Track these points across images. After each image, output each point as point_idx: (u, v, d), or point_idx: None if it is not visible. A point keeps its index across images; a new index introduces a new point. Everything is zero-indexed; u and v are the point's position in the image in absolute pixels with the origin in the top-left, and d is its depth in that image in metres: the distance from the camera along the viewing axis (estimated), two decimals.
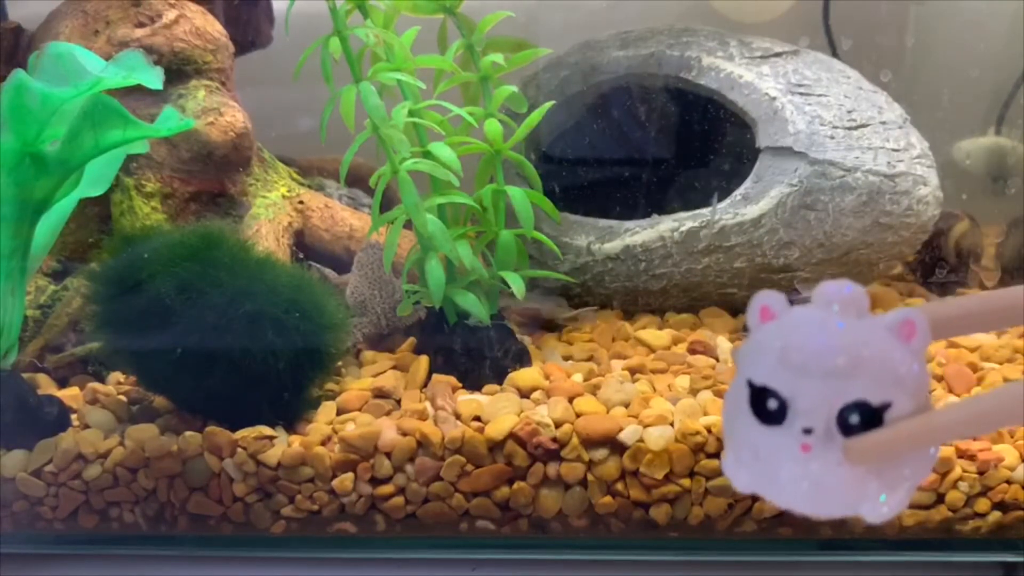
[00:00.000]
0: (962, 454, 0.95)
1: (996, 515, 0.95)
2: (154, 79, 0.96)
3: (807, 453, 0.52)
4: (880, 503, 0.53)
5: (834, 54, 1.41)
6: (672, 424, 0.96)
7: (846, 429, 0.52)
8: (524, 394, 1.03)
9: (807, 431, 0.52)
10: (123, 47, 1.14)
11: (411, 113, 1.10)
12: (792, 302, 0.56)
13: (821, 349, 0.52)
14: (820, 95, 1.22)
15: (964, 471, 0.94)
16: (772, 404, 0.53)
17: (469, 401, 1.01)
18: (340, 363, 1.10)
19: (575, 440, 0.95)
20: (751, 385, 0.54)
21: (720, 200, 1.21)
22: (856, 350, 0.52)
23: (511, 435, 0.95)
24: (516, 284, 1.10)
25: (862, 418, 0.52)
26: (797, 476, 0.53)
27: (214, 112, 1.16)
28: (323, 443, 0.97)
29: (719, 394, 1.01)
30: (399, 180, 1.08)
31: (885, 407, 0.52)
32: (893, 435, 0.52)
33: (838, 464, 0.52)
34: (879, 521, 0.54)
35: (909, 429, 0.52)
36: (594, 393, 1.02)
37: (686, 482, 0.94)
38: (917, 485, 0.55)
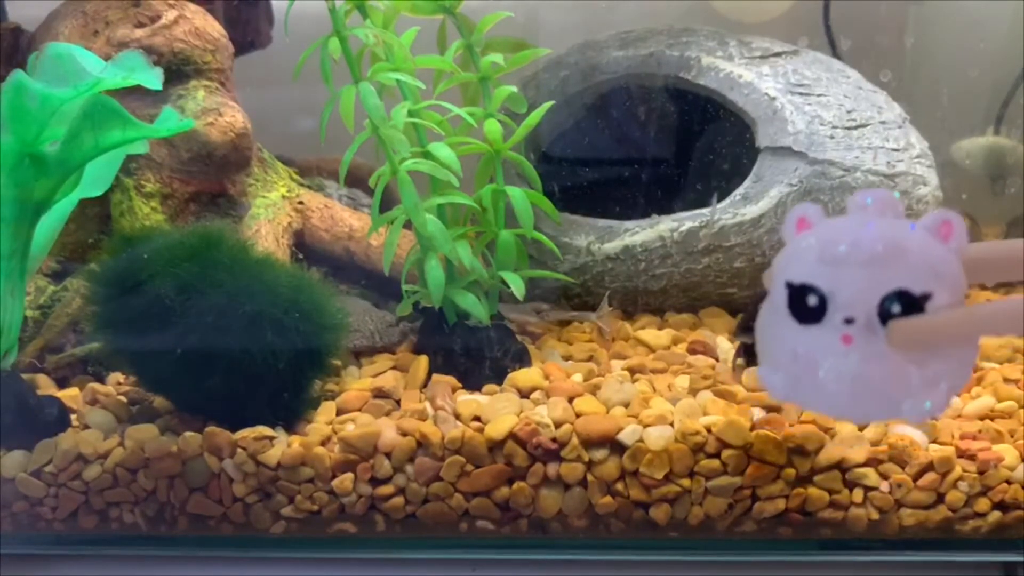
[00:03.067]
0: (962, 454, 0.95)
1: (996, 515, 0.94)
2: (154, 80, 0.96)
3: (849, 345, 0.52)
4: (921, 401, 0.52)
5: (834, 54, 1.41)
6: (672, 424, 0.96)
7: (886, 320, 0.51)
8: (524, 394, 1.03)
9: (848, 321, 0.52)
10: (123, 48, 1.14)
11: (411, 113, 1.10)
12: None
13: (861, 239, 0.52)
14: (820, 95, 1.22)
15: (964, 471, 0.94)
16: (812, 300, 0.52)
17: (469, 401, 1.01)
18: (340, 363, 1.10)
19: (575, 440, 0.95)
20: (790, 286, 0.53)
21: (720, 200, 1.21)
22: (897, 239, 0.51)
23: (511, 435, 0.95)
24: (516, 284, 1.10)
25: (903, 307, 0.51)
26: (839, 372, 0.52)
27: (214, 112, 1.15)
28: (323, 443, 0.97)
29: (719, 394, 1.01)
30: (399, 180, 1.08)
31: (926, 297, 0.51)
32: (938, 321, 0.51)
33: (880, 356, 0.51)
34: (920, 421, 0.53)
35: (953, 317, 0.51)
36: (594, 393, 1.02)
37: (686, 482, 0.94)
38: (957, 390, 0.54)
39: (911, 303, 0.51)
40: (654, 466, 0.94)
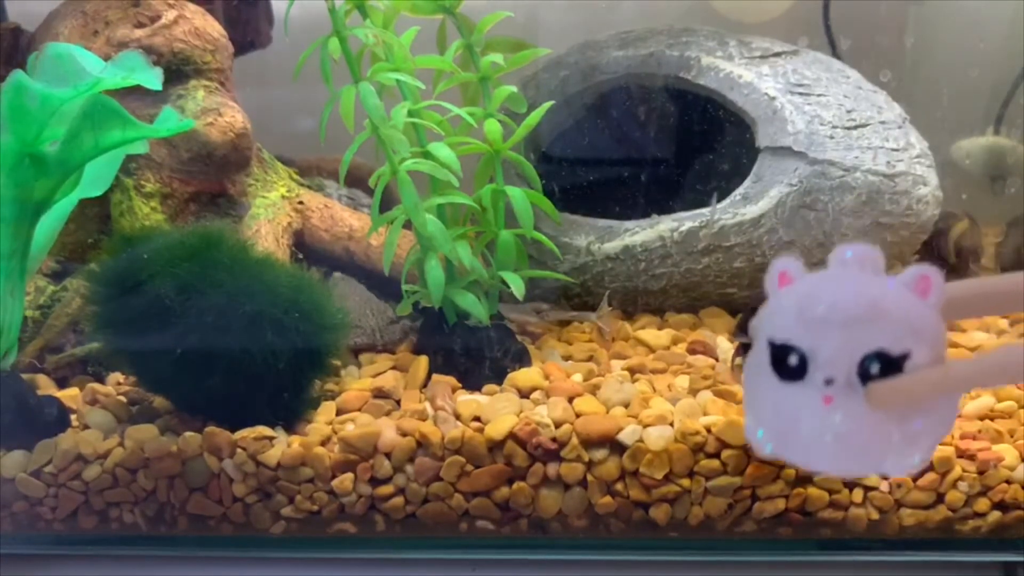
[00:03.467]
0: (962, 454, 0.95)
1: (996, 515, 0.95)
2: (153, 80, 0.96)
3: (829, 405, 0.53)
4: (903, 457, 0.53)
5: (834, 54, 1.41)
6: (672, 424, 0.96)
7: (866, 379, 0.52)
8: (524, 394, 1.03)
9: (828, 382, 0.53)
10: (122, 47, 1.14)
11: (410, 113, 1.10)
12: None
13: (840, 300, 0.53)
14: (819, 95, 1.22)
15: (964, 471, 0.94)
16: (793, 360, 0.53)
17: (469, 401, 1.01)
18: (339, 363, 1.10)
19: (575, 440, 0.95)
20: (771, 344, 0.54)
21: (719, 200, 1.21)
22: (875, 299, 0.52)
23: (511, 435, 0.95)
24: (516, 284, 1.10)
25: (882, 367, 0.52)
26: (820, 430, 0.53)
27: (213, 112, 1.15)
28: (323, 443, 0.97)
29: (719, 394, 1.01)
30: (398, 180, 1.08)
31: (905, 356, 0.52)
32: (915, 380, 0.52)
33: (860, 415, 0.52)
34: (903, 475, 0.54)
35: (930, 375, 0.52)
36: (594, 393, 1.02)
37: (686, 482, 0.94)
38: (939, 441, 0.55)
39: (890, 363, 0.52)
40: (654, 466, 0.94)
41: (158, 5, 1.19)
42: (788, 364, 0.53)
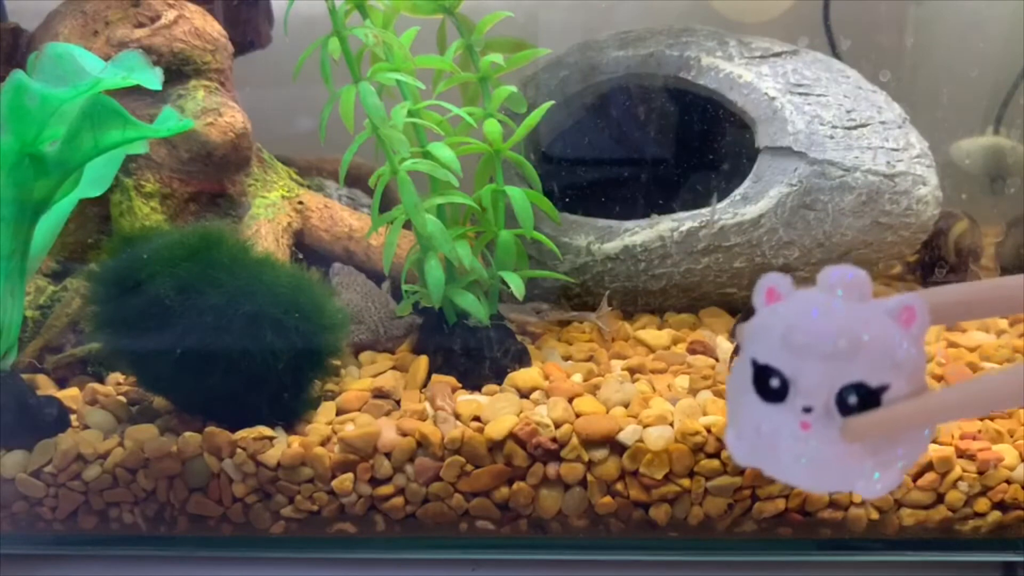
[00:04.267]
0: (962, 454, 0.95)
1: (996, 515, 0.95)
2: (153, 80, 0.96)
3: (806, 431, 0.54)
4: (874, 481, 0.55)
5: (834, 54, 1.41)
6: (672, 424, 0.96)
7: (844, 409, 0.54)
8: (524, 394, 1.03)
9: (807, 410, 0.54)
10: (122, 47, 1.14)
11: (410, 113, 1.10)
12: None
13: (823, 331, 0.54)
14: (819, 95, 1.22)
15: (964, 471, 0.94)
16: (774, 383, 0.55)
17: (469, 401, 1.01)
18: (339, 363, 1.10)
19: (575, 440, 0.95)
20: (755, 364, 0.56)
21: (719, 200, 1.21)
22: (857, 333, 0.54)
23: (511, 435, 0.95)
24: (516, 284, 1.10)
25: (860, 399, 0.54)
26: (796, 452, 0.55)
27: (213, 112, 1.15)
28: (323, 443, 0.97)
29: (719, 394, 1.01)
30: (398, 180, 1.08)
31: (883, 389, 0.54)
32: (889, 415, 0.54)
33: (835, 442, 0.54)
34: (872, 497, 0.56)
35: (905, 410, 0.54)
36: (594, 393, 1.02)
37: (686, 482, 0.94)
38: (911, 465, 0.57)
39: (868, 395, 0.54)
40: (654, 466, 0.94)
41: (158, 5, 1.19)
42: (770, 385, 0.55)
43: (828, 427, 0.54)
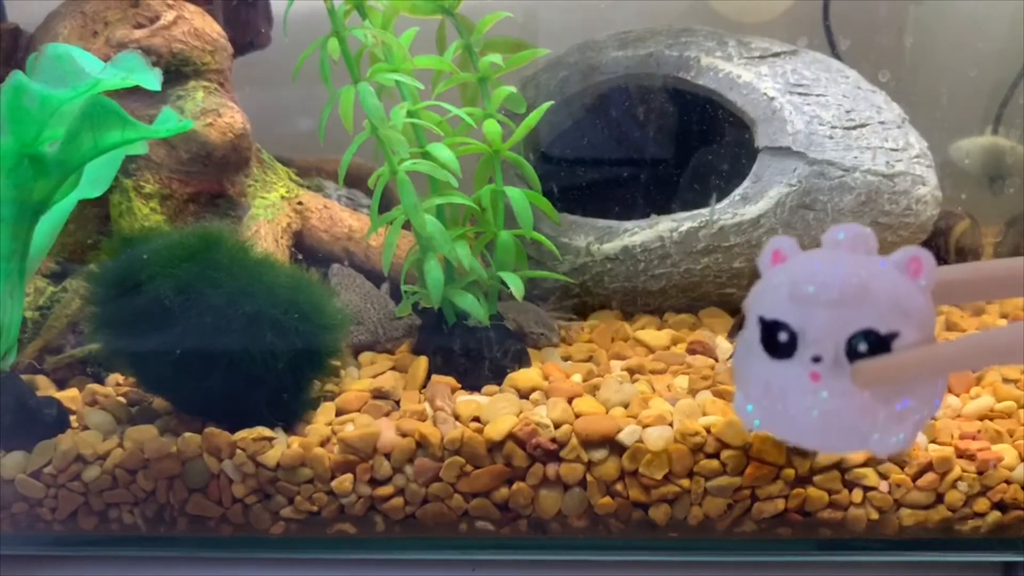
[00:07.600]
0: (961, 454, 0.95)
1: (996, 515, 0.95)
2: (152, 80, 0.96)
3: (817, 382, 0.54)
4: (889, 433, 0.54)
5: (833, 54, 1.41)
6: (671, 424, 0.96)
7: (854, 357, 0.53)
8: (523, 395, 1.03)
9: (816, 359, 0.54)
10: (122, 48, 1.14)
11: (410, 114, 1.10)
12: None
13: (830, 279, 0.54)
14: (819, 95, 1.22)
15: (963, 471, 0.94)
16: (782, 337, 0.54)
17: (468, 402, 1.01)
18: (339, 363, 1.10)
19: (574, 441, 0.95)
20: (762, 321, 0.55)
21: (719, 200, 1.21)
22: (865, 279, 0.53)
23: (510, 436, 0.95)
24: (515, 285, 1.10)
25: (870, 346, 0.53)
26: (807, 406, 0.54)
27: (213, 113, 1.15)
28: (322, 444, 0.97)
29: (718, 394, 1.01)
30: (398, 181, 1.08)
31: (892, 336, 0.53)
32: (901, 360, 0.53)
33: (846, 393, 0.53)
34: (888, 454, 0.55)
35: (916, 355, 0.53)
36: (593, 393, 1.02)
37: (685, 482, 0.94)
38: (924, 421, 0.56)
39: (878, 342, 0.53)
40: (653, 466, 0.94)
41: (157, 6, 1.19)
42: (778, 341, 0.54)
43: (839, 377, 0.53)
